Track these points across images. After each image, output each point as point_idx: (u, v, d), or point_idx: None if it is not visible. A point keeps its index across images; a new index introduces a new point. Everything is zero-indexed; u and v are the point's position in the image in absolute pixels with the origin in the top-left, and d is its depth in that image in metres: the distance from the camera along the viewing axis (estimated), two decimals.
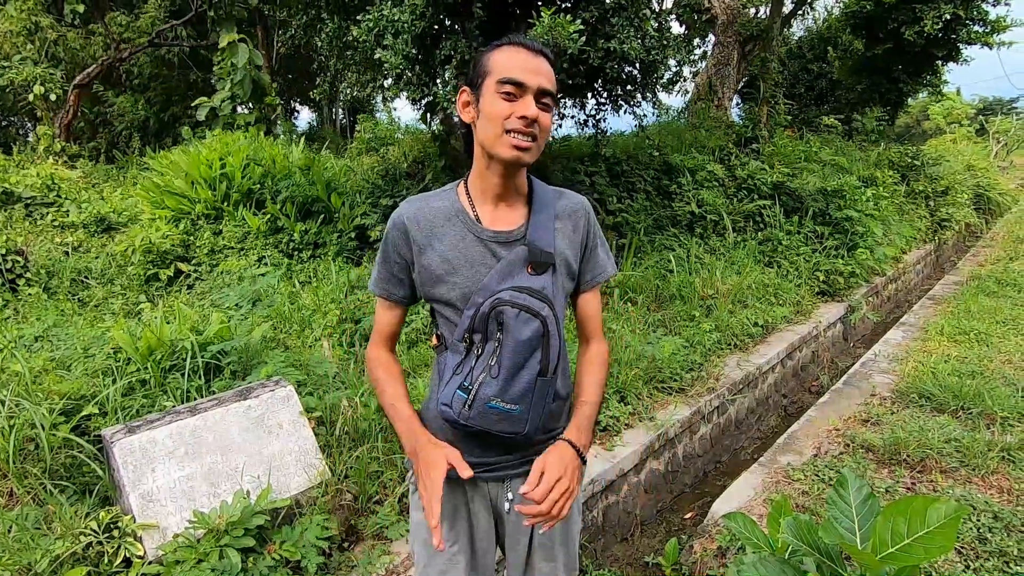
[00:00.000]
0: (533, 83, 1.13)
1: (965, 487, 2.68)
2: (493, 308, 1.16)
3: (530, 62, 1.14)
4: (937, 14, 8.84)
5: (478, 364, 1.17)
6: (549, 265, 1.20)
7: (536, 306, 1.16)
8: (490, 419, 1.18)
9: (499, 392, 1.16)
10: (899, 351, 4.66)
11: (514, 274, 1.18)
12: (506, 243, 1.22)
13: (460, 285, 1.20)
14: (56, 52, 10.63)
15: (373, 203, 5.79)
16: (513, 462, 1.30)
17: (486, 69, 1.16)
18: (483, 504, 1.34)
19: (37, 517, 2.13)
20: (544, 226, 1.23)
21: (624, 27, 4.24)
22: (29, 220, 6.63)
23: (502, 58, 1.15)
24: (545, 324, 1.17)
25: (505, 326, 1.15)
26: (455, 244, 1.22)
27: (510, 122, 1.13)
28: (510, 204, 1.25)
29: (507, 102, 1.13)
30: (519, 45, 1.16)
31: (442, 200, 1.26)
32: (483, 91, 1.16)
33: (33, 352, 3.31)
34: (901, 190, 8.97)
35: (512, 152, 1.15)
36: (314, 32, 5.39)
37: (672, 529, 3.31)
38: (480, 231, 1.22)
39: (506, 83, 1.12)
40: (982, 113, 23.31)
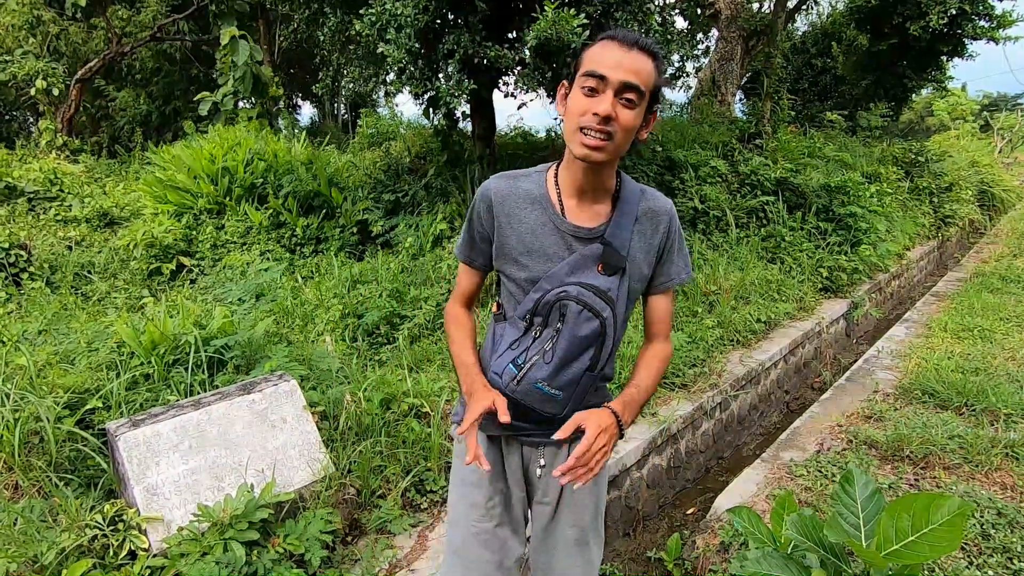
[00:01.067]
0: (615, 77, 1.09)
1: (968, 483, 2.68)
2: (558, 299, 1.19)
3: (619, 55, 1.10)
4: (943, 9, 8.78)
5: (534, 346, 1.22)
6: (620, 268, 1.22)
7: (599, 306, 1.19)
8: (533, 397, 1.24)
9: (548, 377, 1.21)
10: (902, 347, 4.66)
11: (584, 269, 1.20)
12: (585, 239, 1.23)
13: (531, 268, 1.23)
14: (58, 46, 10.63)
15: (375, 198, 5.78)
16: (548, 432, 1.32)
17: (579, 62, 1.15)
18: (516, 463, 1.39)
19: (42, 510, 2.14)
20: (624, 228, 1.23)
21: (628, 22, 4.22)
22: (32, 214, 6.64)
23: (594, 52, 1.13)
24: (604, 325, 1.20)
25: (566, 319, 1.19)
26: (534, 229, 1.24)
27: (584, 119, 1.11)
28: (594, 200, 1.25)
29: (587, 97, 1.11)
30: (612, 39, 1.12)
31: (531, 183, 1.28)
32: (574, 85, 1.15)
33: (37, 346, 3.32)
34: (905, 186, 8.93)
35: (582, 150, 1.13)
36: (316, 26, 5.37)
37: (674, 524, 3.32)
38: (560, 222, 1.24)
39: (588, 76, 1.10)
40: (987, 109, 23.19)
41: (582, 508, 1.41)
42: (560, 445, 1.37)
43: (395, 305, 4.05)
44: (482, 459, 1.20)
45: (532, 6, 4.18)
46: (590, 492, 1.42)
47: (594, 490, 1.43)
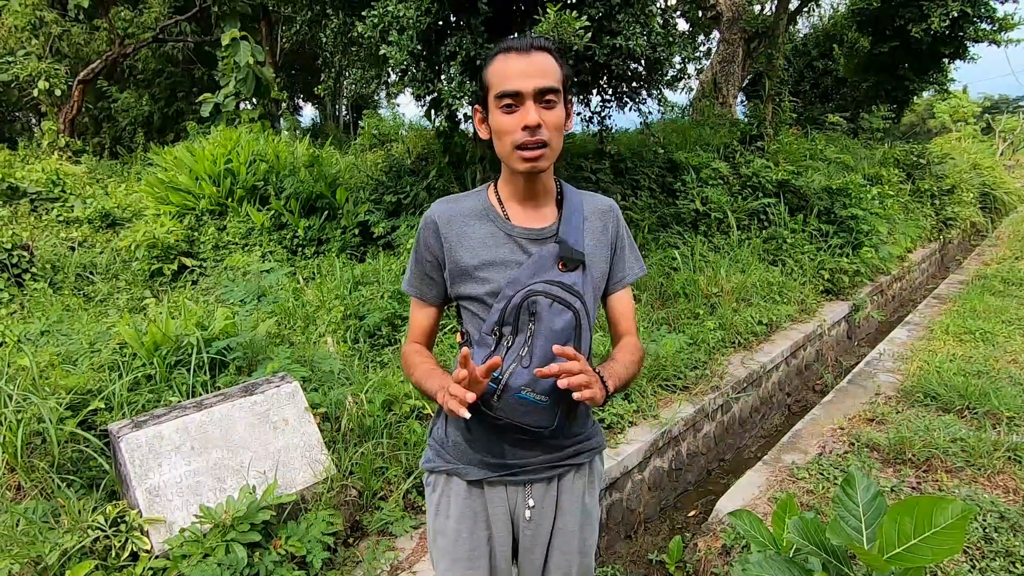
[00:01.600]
0: (528, 87, 1.10)
1: (971, 487, 2.67)
2: (526, 299, 1.16)
3: (522, 65, 1.11)
4: (944, 11, 8.78)
5: (508, 355, 1.17)
6: (579, 263, 1.21)
7: (568, 299, 1.17)
8: (518, 410, 1.16)
9: (530, 382, 1.14)
10: (904, 350, 4.65)
11: (545, 269, 1.19)
12: (537, 240, 1.23)
13: (491, 280, 1.21)
14: (60, 47, 10.65)
15: (377, 200, 5.79)
16: (536, 466, 1.28)
17: (486, 85, 1.16)
18: (502, 510, 1.31)
19: (45, 511, 2.15)
20: (574, 226, 1.23)
21: (630, 24, 4.22)
22: (34, 215, 6.65)
23: (496, 69, 1.14)
24: (577, 316, 1.17)
25: (538, 316, 1.16)
26: (484, 240, 1.23)
27: (516, 137, 1.12)
28: (539, 205, 1.26)
29: (509, 115, 1.12)
30: (507, 50, 1.14)
31: (473, 200, 1.27)
32: (489, 108, 1.16)
33: (39, 347, 3.33)
34: (906, 189, 8.92)
35: (525, 165, 1.15)
36: (319, 28, 5.38)
37: (676, 527, 3.32)
38: (510, 228, 1.23)
39: (502, 97, 1.12)
40: (988, 111, 23.18)
41: (571, 552, 1.34)
42: (549, 481, 1.30)
43: (397, 306, 4.05)
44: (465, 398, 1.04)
45: (534, 8, 4.19)
46: (580, 536, 1.35)
47: (583, 534, 1.36)
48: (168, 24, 10.86)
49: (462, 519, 1.30)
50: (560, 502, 1.32)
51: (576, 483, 1.33)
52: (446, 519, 1.31)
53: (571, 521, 1.33)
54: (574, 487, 1.33)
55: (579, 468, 1.33)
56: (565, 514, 1.32)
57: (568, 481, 1.32)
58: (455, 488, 1.31)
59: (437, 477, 1.34)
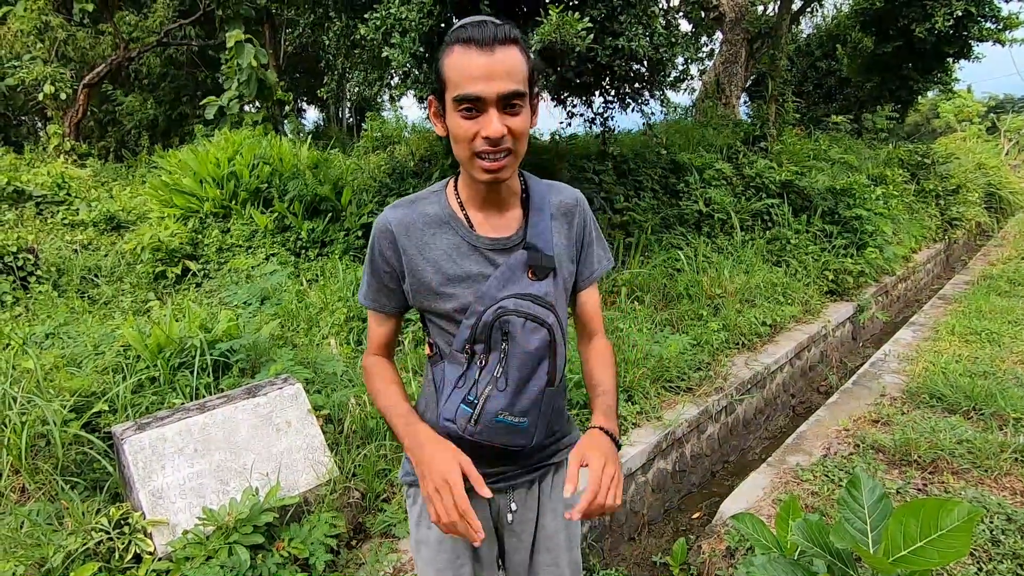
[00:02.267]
0: (491, 93, 0.97)
1: (977, 489, 2.65)
2: (497, 317, 1.09)
3: (483, 65, 0.97)
4: (948, 11, 8.74)
5: (482, 377, 1.11)
6: (550, 270, 1.14)
7: (541, 314, 1.11)
8: (497, 433, 1.13)
9: (507, 406, 1.11)
10: (909, 351, 4.62)
11: (515, 281, 1.12)
12: (504, 249, 1.15)
13: (458, 296, 1.13)
14: (66, 51, 10.71)
15: (380, 202, 5.79)
16: (516, 472, 1.26)
17: (443, 79, 1.02)
18: (483, 517, 1.26)
19: (49, 513, 2.15)
20: (542, 228, 1.15)
21: (632, 25, 4.22)
22: (40, 218, 6.68)
23: (453, 66, 0.99)
24: (551, 332, 1.12)
25: (511, 336, 1.09)
26: (448, 253, 1.14)
27: (476, 145, 1.02)
28: (503, 207, 1.17)
29: (469, 120, 1.00)
30: (467, 42, 0.98)
31: (431, 204, 1.17)
32: (447, 105, 1.03)
33: (44, 349, 3.34)
34: (911, 189, 8.89)
35: (485, 175, 1.05)
36: (321, 31, 5.40)
37: (680, 529, 3.30)
38: (475, 239, 1.14)
39: (462, 101, 0.99)
40: (993, 111, 23.06)
41: (558, 549, 1.33)
42: (530, 485, 1.28)
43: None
44: (478, 530, 1.01)
45: (536, 10, 4.19)
46: (567, 539, 1.33)
47: (569, 528, 1.35)
48: (172, 28, 10.91)
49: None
50: (542, 502, 1.30)
51: (556, 481, 1.32)
52: (428, 529, 1.27)
53: (553, 519, 1.31)
54: (555, 485, 1.31)
55: (559, 466, 1.32)
56: (547, 512, 1.31)
57: (548, 482, 1.31)
58: None
59: (418, 489, 1.29)
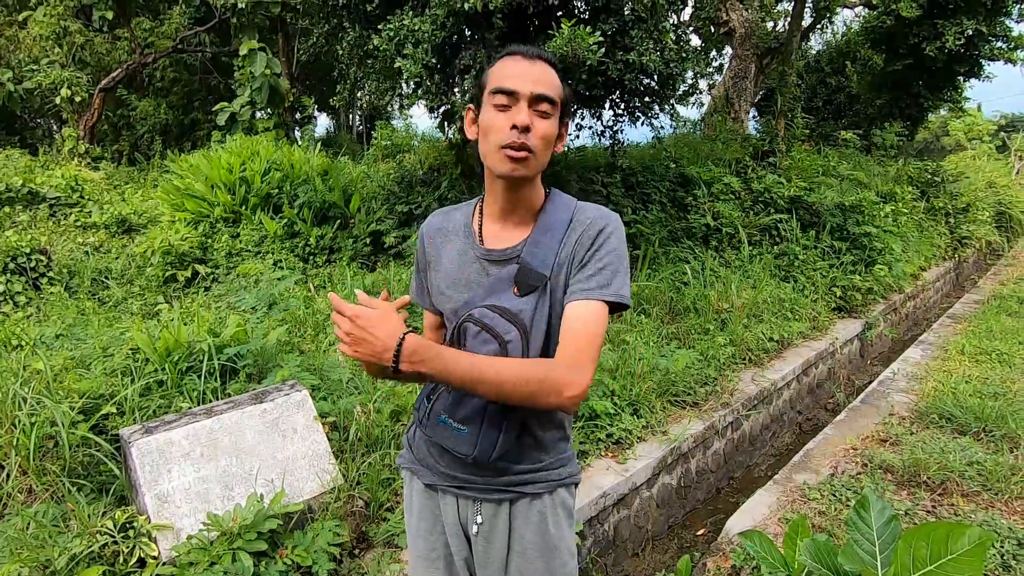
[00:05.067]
0: (525, 89, 1.07)
1: (988, 512, 2.62)
2: (461, 323, 1.14)
3: (524, 68, 1.09)
4: (959, 30, 8.75)
5: None
6: (535, 287, 1.12)
7: (501, 328, 1.09)
8: (442, 434, 1.16)
9: (448, 408, 1.15)
10: (918, 370, 4.59)
11: (498, 292, 1.13)
12: (498, 261, 1.18)
13: (454, 299, 1.20)
14: (83, 56, 10.89)
15: (389, 209, 5.83)
16: (480, 485, 1.23)
17: (484, 83, 1.13)
18: (452, 519, 1.28)
19: (55, 515, 2.16)
20: (544, 244, 1.14)
21: (643, 39, 4.25)
22: (53, 220, 6.76)
23: (499, 68, 1.12)
24: (505, 348, 1.08)
25: (464, 343, 1.13)
26: (455, 259, 1.22)
27: (504, 136, 1.08)
28: (518, 221, 1.19)
29: (501, 112, 1.09)
30: (514, 54, 1.12)
31: (462, 213, 1.27)
32: (482, 106, 1.13)
33: (54, 350, 3.37)
34: (920, 206, 8.85)
35: (506, 165, 1.09)
36: (335, 40, 5.46)
37: (684, 545, 3.27)
38: (476, 249, 1.20)
39: (497, 92, 1.08)
40: (1004, 130, 22.99)
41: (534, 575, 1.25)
42: (499, 503, 1.23)
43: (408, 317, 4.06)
44: None
45: (548, 24, 4.23)
46: (546, 565, 1.25)
47: (552, 562, 1.26)
48: (188, 35, 11.07)
49: (422, 517, 1.32)
50: (514, 526, 1.25)
51: (531, 511, 1.24)
52: (410, 515, 1.35)
53: (531, 549, 1.24)
54: (529, 515, 1.24)
55: (535, 497, 1.24)
56: (523, 540, 1.24)
57: (522, 508, 1.24)
58: (416, 487, 1.33)
59: (405, 473, 1.37)
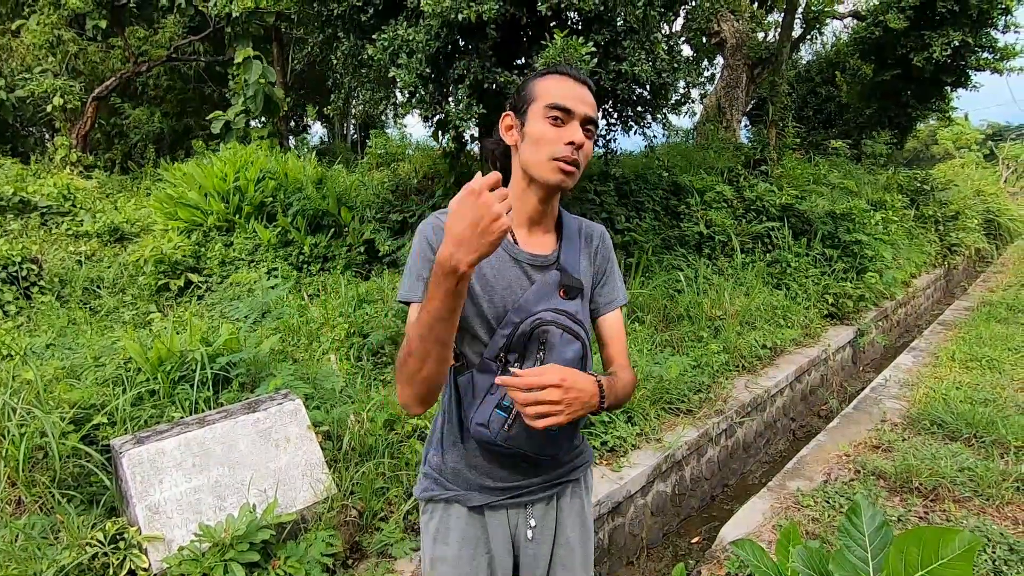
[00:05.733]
0: (580, 110, 1.17)
1: (979, 517, 2.64)
2: (534, 327, 1.17)
3: (576, 90, 1.18)
4: (946, 41, 8.90)
5: None
6: (579, 291, 1.23)
7: (575, 328, 1.19)
8: (529, 440, 1.17)
9: None
10: (910, 376, 4.62)
11: (549, 297, 1.20)
12: (541, 267, 1.24)
13: (495, 303, 1.20)
14: (76, 65, 10.85)
15: (383, 218, 5.83)
16: (537, 485, 1.30)
17: (533, 95, 1.19)
18: (502, 533, 1.31)
19: (44, 526, 2.14)
20: (572, 253, 1.26)
21: (635, 50, 4.29)
22: (44, 229, 6.71)
23: (550, 85, 1.18)
24: (585, 347, 1.20)
25: (549, 345, 1.17)
26: (491, 261, 1.21)
27: (558, 148, 1.16)
28: (543, 229, 1.28)
29: (555, 127, 1.16)
30: (565, 74, 1.20)
31: None
32: (529, 116, 1.19)
33: (44, 360, 3.34)
34: (910, 214, 8.95)
35: (559, 176, 1.17)
36: (330, 50, 5.48)
37: (679, 553, 3.27)
38: (517, 252, 1.23)
39: (555, 108, 1.16)
40: (991, 139, 23.31)
41: (575, 566, 1.36)
42: (548, 500, 1.32)
43: (401, 325, 4.06)
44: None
45: (541, 34, 4.26)
46: (583, 557, 1.38)
47: (586, 546, 1.40)
48: (182, 44, 11.07)
49: (464, 544, 1.29)
50: (560, 519, 1.34)
51: (574, 497, 1.36)
52: (445, 545, 1.30)
53: (573, 536, 1.35)
54: (572, 502, 1.36)
55: (576, 483, 1.37)
56: (566, 529, 1.35)
57: (567, 498, 1.35)
58: (455, 514, 1.30)
59: (435, 505, 1.32)
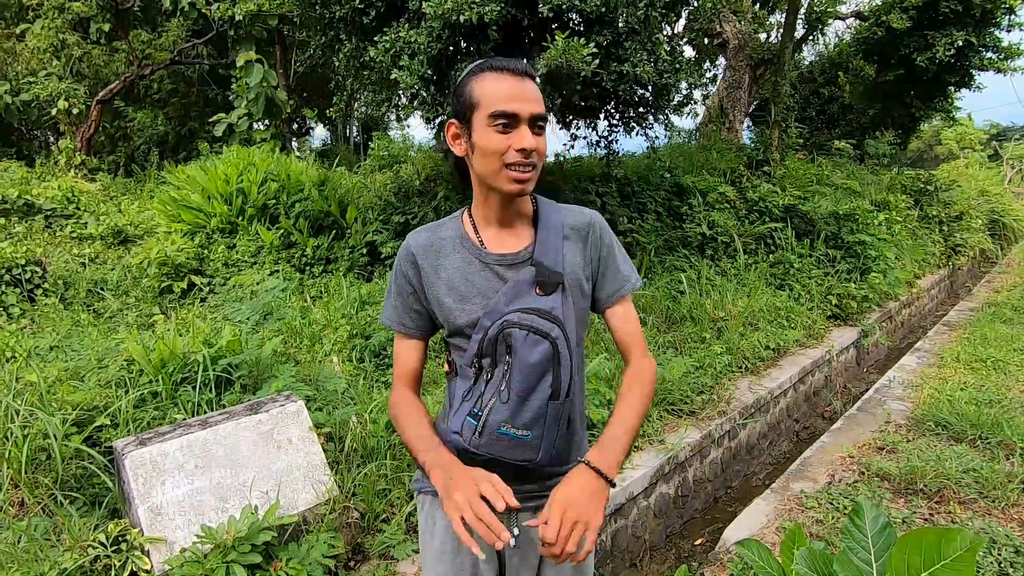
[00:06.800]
0: (526, 111, 1.10)
1: (985, 519, 2.62)
2: (501, 331, 1.12)
3: (518, 88, 1.11)
4: (949, 41, 8.87)
5: (488, 389, 1.14)
6: (557, 285, 1.16)
7: (545, 327, 1.13)
8: (500, 446, 1.13)
9: (509, 417, 1.12)
10: (914, 377, 4.59)
11: (522, 295, 1.15)
12: (512, 265, 1.20)
13: (468, 311, 1.18)
14: (80, 68, 10.91)
15: (385, 220, 5.84)
16: (523, 494, 1.22)
17: (473, 100, 1.12)
18: None
19: (46, 528, 2.14)
20: (551, 245, 1.20)
21: (637, 51, 4.29)
22: (48, 231, 6.74)
23: (489, 88, 1.11)
24: (555, 346, 1.13)
25: (513, 349, 1.12)
26: (461, 270, 1.20)
27: (509, 156, 1.11)
28: (514, 227, 1.24)
29: (502, 135, 1.10)
30: (503, 69, 1.11)
31: (448, 229, 1.26)
32: (475, 124, 1.13)
33: (48, 362, 3.35)
34: (914, 215, 8.92)
35: (514, 186, 1.13)
36: (332, 52, 5.50)
37: (682, 555, 3.26)
38: (484, 255, 1.21)
39: (499, 116, 1.09)
40: (995, 139, 23.22)
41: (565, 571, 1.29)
42: (536, 510, 1.23)
43: None
44: (473, 546, 1.00)
45: (543, 35, 4.27)
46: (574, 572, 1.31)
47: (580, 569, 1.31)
48: (185, 47, 11.12)
49: (446, 539, 1.28)
50: None
51: None
52: (431, 537, 1.31)
53: None
54: None
55: None
56: None
57: None
58: (440, 510, 1.27)
59: (424, 497, 1.33)
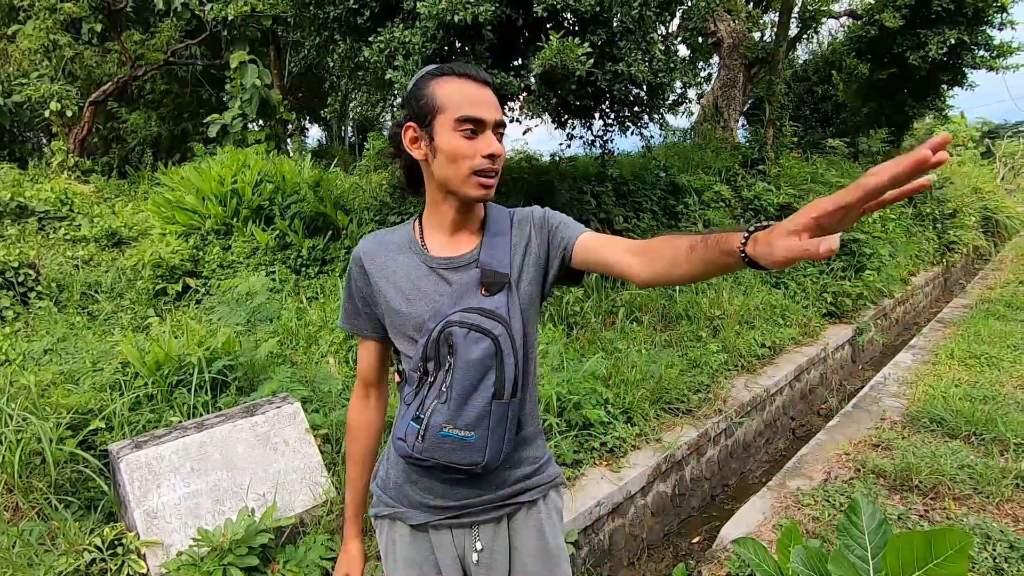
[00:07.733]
0: (491, 117, 1.10)
1: (979, 515, 2.63)
2: (442, 331, 1.11)
3: (481, 94, 1.11)
4: (942, 39, 8.91)
5: (430, 392, 1.12)
6: (503, 285, 1.15)
7: (487, 325, 1.11)
8: (444, 449, 1.11)
9: (450, 418, 1.10)
10: (909, 374, 4.62)
11: (467, 297, 1.14)
12: (457, 268, 1.18)
13: (415, 315, 1.16)
14: (73, 69, 10.84)
15: (381, 220, 5.83)
16: (480, 507, 1.20)
17: (435, 104, 1.10)
18: (450, 555, 1.22)
19: (41, 532, 2.13)
20: (498, 246, 1.18)
21: (632, 50, 4.29)
22: (42, 234, 6.70)
23: (453, 92, 1.10)
24: (497, 343, 1.10)
25: (454, 348, 1.10)
26: (407, 274, 1.19)
27: (476, 163, 1.10)
28: (466, 232, 1.22)
29: (469, 140, 1.10)
30: (465, 75, 1.11)
31: (398, 235, 1.25)
32: (437, 128, 1.11)
33: (42, 365, 3.33)
34: (908, 212, 8.96)
35: (480, 191, 1.12)
36: (326, 53, 5.48)
37: (680, 554, 3.26)
38: (429, 259, 1.19)
39: (467, 121, 1.09)
40: (987, 136, 23.35)
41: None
42: (498, 521, 1.21)
43: None
44: None
45: (537, 35, 4.27)
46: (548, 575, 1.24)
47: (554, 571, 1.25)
48: (179, 48, 11.07)
49: (409, 564, 1.24)
50: (514, 543, 1.23)
51: (529, 520, 1.24)
52: (393, 564, 1.26)
53: (532, 562, 1.23)
54: (527, 525, 1.24)
55: (531, 505, 1.24)
56: (524, 555, 1.23)
57: (520, 520, 1.23)
58: (399, 532, 1.25)
59: (381, 522, 1.29)
